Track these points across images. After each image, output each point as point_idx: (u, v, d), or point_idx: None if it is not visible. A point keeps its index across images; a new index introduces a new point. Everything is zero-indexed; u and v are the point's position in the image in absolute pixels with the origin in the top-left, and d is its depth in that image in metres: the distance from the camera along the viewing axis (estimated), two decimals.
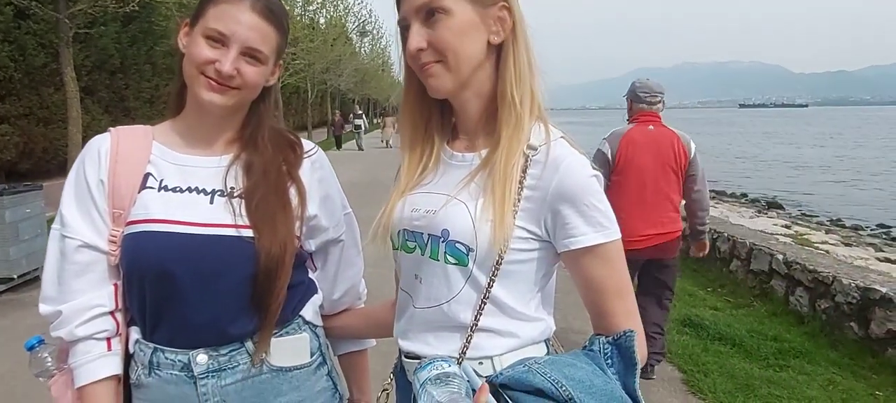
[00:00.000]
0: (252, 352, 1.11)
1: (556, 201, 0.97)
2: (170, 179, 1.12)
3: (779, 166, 27.32)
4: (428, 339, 1.03)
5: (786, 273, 4.80)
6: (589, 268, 0.99)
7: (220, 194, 1.12)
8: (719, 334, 4.29)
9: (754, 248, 5.28)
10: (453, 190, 1.02)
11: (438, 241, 1.00)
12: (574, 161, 0.98)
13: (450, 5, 0.97)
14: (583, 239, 0.96)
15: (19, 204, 5.47)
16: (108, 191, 1.09)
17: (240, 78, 1.08)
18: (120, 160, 1.11)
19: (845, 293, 4.10)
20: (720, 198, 16.60)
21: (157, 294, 1.07)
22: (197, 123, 1.15)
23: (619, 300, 1.00)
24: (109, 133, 1.15)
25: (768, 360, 3.91)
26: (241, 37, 1.06)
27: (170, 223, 1.07)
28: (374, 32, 42.90)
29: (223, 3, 1.07)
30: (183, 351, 1.08)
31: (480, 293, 0.99)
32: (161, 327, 1.09)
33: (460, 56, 0.99)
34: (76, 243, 1.08)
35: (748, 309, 4.97)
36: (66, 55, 7.91)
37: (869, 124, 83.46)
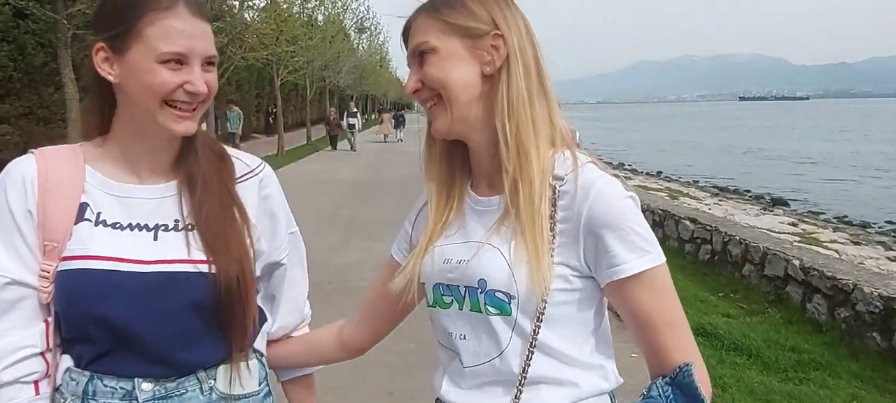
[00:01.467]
0: (202, 380, 1.05)
1: (590, 229, 0.91)
2: (108, 213, 1.03)
3: (781, 161, 27.22)
4: (476, 396, 0.99)
5: (802, 279, 4.69)
6: (635, 299, 0.92)
7: (164, 229, 1.04)
8: (734, 344, 4.19)
9: (768, 253, 5.18)
10: (484, 236, 0.98)
11: (477, 293, 0.96)
12: (605, 184, 0.92)
13: (435, 43, 0.97)
14: (625, 268, 0.90)
15: None
16: (38, 222, 0.99)
17: (208, 90, 1.01)
18: (50, 188, 1.00)
19: (867, 301, 3.99)
20: (723, 196, 16.51)
21: (98, 332, 0.99)
22: (137, 149, 1.05)
23: (672, 331, 0.93)
24: (34, 156, 1.04)
25: (787, 373, 3.80)
26: (199, 49, 0.99)
27: (112, 260, 0.98)
28: (371, 29, 42.83)
29: (161, 20, 0.96)
30: (125, 379, 1.01)
31: (527, 341, 0.94)
32: (102, 358, 1.01)
33: (450, 89, 0.96)
34: (2, 280, 0.98)
35: (762, 315, 4.86)
36: (65, 56, 7.82)
37: (870, 118, 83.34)
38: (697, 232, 6.52)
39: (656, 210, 7.57)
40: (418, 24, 1.00)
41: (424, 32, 0.98)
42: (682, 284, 5.87)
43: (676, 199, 12.68)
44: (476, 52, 0.97)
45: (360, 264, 6.19)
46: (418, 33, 0.99)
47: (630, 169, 23.45)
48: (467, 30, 0.97)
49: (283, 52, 19.93)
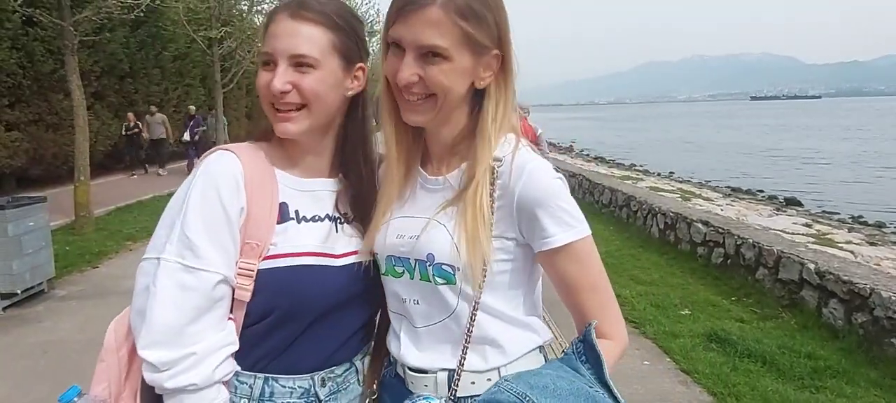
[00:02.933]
0: (358, 370, 1.15)
1: (522, 206, 1.02)
2: (304, 209, 1.10)
3: (795, 161, 26.86)
4: (431, 354, 1.08)
5: (818, 283, 4.56)
6: (562, 267, 1.04)
7: (339, 221, 1.13)
8: (748, 350, 4.07)
9: (783, 256, 5.04)
10: (431, 213, 1.07)
11: (426, 265, 1.05)
12: (537, 166, 1.03)
13: (452, 53, 0.98)
14: (553, 240, 1.01)
15: (22, 217, 5.36)
16: (245, 220, 1.02)
17: (297, 92, 1.04)
18: (256, 188, 1.05)
19: (885, 306, 3.86)
20: (736, 196, 16.29)
21: (294, 327, 1.05)
22: (301, 146, 1.13)
23: (593, 294, 1.04)
24: (235, 154, 1.06)
25: (803, 380, 3.68)
26: (283, 47, 1.04)
27: (318, 255, 1.06)
28: (381, 32, 42.87)
29: (269, 24, 1.07)
30: (302, 377, 1.07)
31: (471, 304, 1.04)
32: (285, 356, 1.06)
33: (449, 98, 1.02)
34: (214, 278, 0.98)
35: (776, 320, 4.73)
36: (72, 63, 7.82)
37: (884, 116, 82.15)
38: (710, 234, 6.38)
39: (668, 212, 7.43)
40: (436, 18, 0.96)
41: (443, 34, 0.96)
42: (693, 288, 5.76)
43: (689, 200, 12.50)
44: (476, 67, 1.02)
45: None
46: (435, 31, 0.96)
47: (642, 169, 23.22)
48: (479, 45, 1.00)
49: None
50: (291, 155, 1.13)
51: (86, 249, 7.20)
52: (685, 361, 3.99)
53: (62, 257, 6.55)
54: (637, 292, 5.49)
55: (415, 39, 0.98)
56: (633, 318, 4.79)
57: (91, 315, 5.04)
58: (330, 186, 1.15)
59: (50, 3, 9.05)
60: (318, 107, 1.06)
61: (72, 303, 5.46)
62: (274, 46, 1.04)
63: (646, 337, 4.50)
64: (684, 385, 3.73)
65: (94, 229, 8.21)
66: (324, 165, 1.16)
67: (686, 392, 3.64)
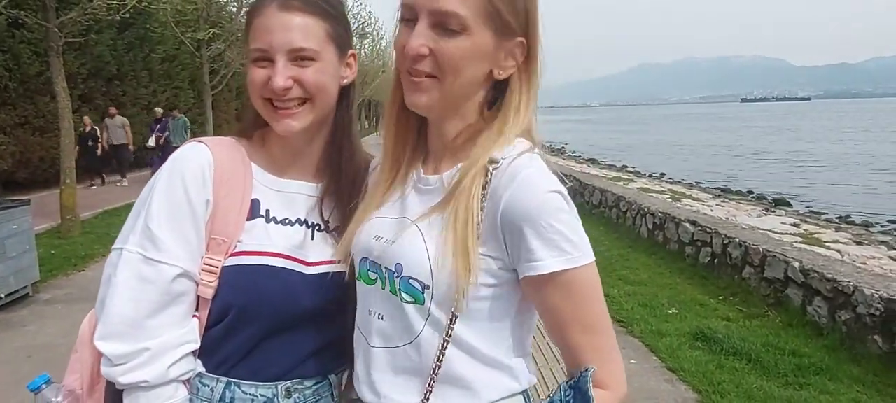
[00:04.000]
0: (334, 386, 1.08)
1: (509, 218, 0.84)
2: (275, 209, 1.05)
3: (784, 162, 27.07)
4: (388, 386, 0.92)
5: (802, 281, 4.59)
6: (549, 299, 0.86)
7: (318, 228, 1.07)
8: (733, 348, 4.09)
9: (768, 255, 5.07)
10: (413, 214, 0.92)
11: (393, 276, 0.90)
12: (532, 173, 0.85)
13: (471, 25, 0.84)
14: (539, 265, 0.83)
15: (6, 220, 5.30)
16: (211, 214, 0.99)
17: (299, 87, 0.99)
18: (225, 181, 1.00)
19: (867, 304, 3.89)
20: (726, 197, 16.38)
21: (256, 329, 1.00)
22: (287, 145, 1.08)
23: (585, 335, 0.87)
24: (206, 146, 1.02)
25: (787, 377, 3.70)
26: (280, 42, 0.98)
27: (285, 258, 1.01)
28: (373, 34, 42.81)
29: (256, 19, 1.00)
30: (266, 385, 1.01)
31: (442, 333, 0.87)
32: (246, 361, 1.01)
33: (460, 80, 0.87)
34: (174, 271, 0.95)
35: (762, 319, 4.76)
36: (57, 65, 7.76)
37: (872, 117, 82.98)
38: (697, 234, 6.41)
39: (656, 213, 7.46)
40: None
41: (461, 3, 0.83)
42: (681, 287, 5.79)
43: (679, 201, 12.55)
44: (498, 52, 0.87)
45: None
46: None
47: (633, 171, 23.33)
48: (503, 25, 0.86)
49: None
50: (274, 153, 1.08)
51: (72, 253, 7.13)
52: (671, 359, 4.00)
53: (47, 261, 6.49)
54: (625, 292, 5.51)
55: (430, 3, 0.84)
56: (621, 318, 4.80)
57: (76, 319, 4.90)
58: (309, 190, 1.09)
59: (35, 5, 8.98)
60: (321, 99, 1.02)
61: (57, 307, 5.41)
62: (269, 42, 0.97)
63: (633, 336, 4.51)
64: (670, 383, 3.74)
65: (81, 232, 8.14)
66: (309, 166, 1.10)
67: (672, 390, 3.65)
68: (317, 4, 1.00)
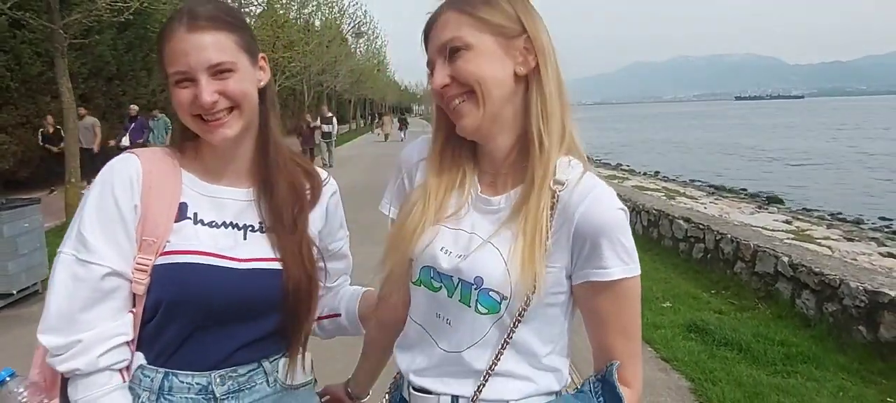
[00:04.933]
0: (268, 372, 1.14)
1: (584, 232, 0.95)
2: (204, 213, 1.12)
3: (777, 160, 27.31)
4: (446, 380, 1.03)
5: (791, 275, 4.77)
6: (601, 303, 0.98)
7: (251, 229, 1.14)
8: (725, 339, 4.26)
9: (759, 250, 5.25)
10: (484, 232, 1.01)
11: (471, 288, 0.99)
12: (602, 192, 0.97)
13: (470, 40, 0.96)
14: (610, 272, 0.95)
15: (17, 218, 5.43)
16: (140, 218, 1.07)
17: (225, 98, 1.06)
18: (153, 187, 1.09)
19: (853, 296, 4.07)
20: (720, 194, 16.58)
21: (187, 322, 1.07)
22: (216, 156, 1.15)
23: (623, 339, 1.00)
24: (137, 156, 1.12)
25: (776, 366, 3.87)
26: (198, 61, 1.04)
27: (211, 256, 1.08)
28: (369, 33, 42.92)
29: (167, 43, 1.06)
30: (201, 374, 1.09)
31: (503, 335, 0.99)
32: (181, 352, 1.09)
33: (486, 84, 0.96)
34: (103, 270, 1.03)
35: (753, 311, 4.93)
36: (62, 65, 7.87)
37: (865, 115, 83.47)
38: (691, 231, 6.59)
39: (651, 210, 7.63)
40: (446, 20, 0.98)
41: (455, 28, 0.97)
42: (675, 282, 5.95)
43: (673, 199, 12.73)
44: (509, 51, 0.98)
45: (360, 266, 6.20)
46: (447, 29, 0.97)
47: (628, 169, 23.52)
48: (500, 28, 0.97)
49: (281, 58, 19.98)
50: (206, 162, 1.16)
51: None
52: (665, 350, 4.17)
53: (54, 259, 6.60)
54: None
55: (436, 45, 0.99)
56: None
57: None
58: (240, 195, 1.16)
59: (38, 6, 9.08)
60: (246, 105, 1.10)
61: None
62: (187, 63, 1.03)
63: None
64: (664, 372, 3.91)
65: None
66: (241, 171, 1.17)
67: (666, 378, 3.81)
68: (221, 19, 1.07)
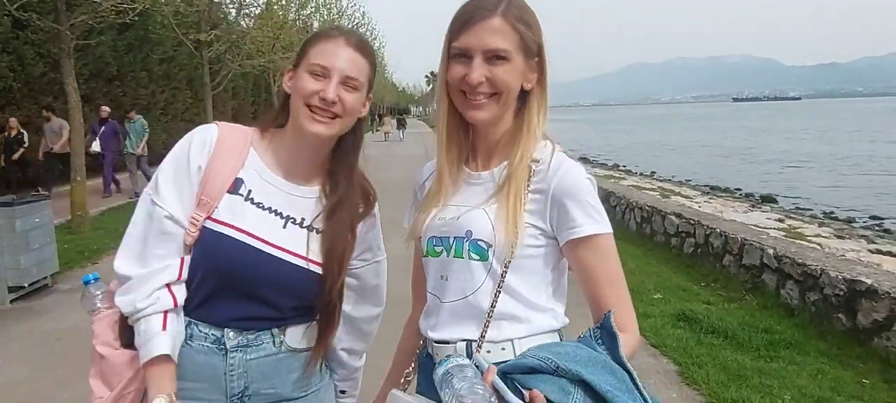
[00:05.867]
0: (275, 335, 1.27)
1: (556, 197, 1.15)
2: (256, 193, 1.26)
3: (773, 161, 27.52)
4: (453, 327, 1.20)
5: (776, 267, 4.96)
6: (584, 258, 1.15)
7: (292, 221, 1.27)
8: (712, 327, 4.44)
9: (746, 243, 5.44)
10: (474, 202, 1.22)
11: (463, 241, 1.18)
12: (572, 165, 1.18)
13: (512, 55, 1.16)
14: (580, 230, 1.13)
15: (29, 213, 5.58)
16: (203, 178, 1.23)
17: (341, 105, 1.22)
18: (220, 155, 1.24)
19: (833, 285, 4.26)
20: (714, 194, 16.79)
21: (214, 284, 1.22)
22: (293, 148, 1.29)
23: (610, 287, 1.16)
24: (218, 127, 1.29)
25: (759, 351, 4.06)
26: (340, 67, 1.23)
27: (246, 234, 1.21)
28: (367, 35, 43.02)
29: (322, 43, 1.25)
30: (217, 328, 1.24)
31: (496, 282, 1.16)
32: (204, 307, 1.23)
33: (509, 96, 1.18)
34: (163, 212, 1.20)
35: (740, 302, 5.12)
36: (68, 66, 8.00)
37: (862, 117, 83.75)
38: (682, 225, 6.78)
39: (644, 206, 7.82)
40: (499, 27, 1.14)
41: (505, 39, 1.14)
42: (666, 275, 6.13)
43: (668, 197, 12.94)
44: (526, 70, 1.18)
45: None
46: (499, 36, 1.14)
47: (624, 169, 23.72)
48: (529, 50, 1.17)
49: (280, 59, 20.12)
50: (279, 151, 1.30)
51: (84, 247, 7.41)
52: (655, 337, 4.35)
53: (62, 254, 6.73)
54: None
55: (482, 45, 1.14)
56: None
57: None
58: (294, 190, 1.29)
59: (43, 7, 9.22)
60: (348, 120, 1.26)
61: (77, 296, 5.63)
62: (333, 64, 1.22)
63: None
64: (653, 357, 4.09)
65: (91, 228, 8.40)
66: (307, 173, 1.31)
67: (654, 363, 4.00)
68: (370, 54, 1.29)
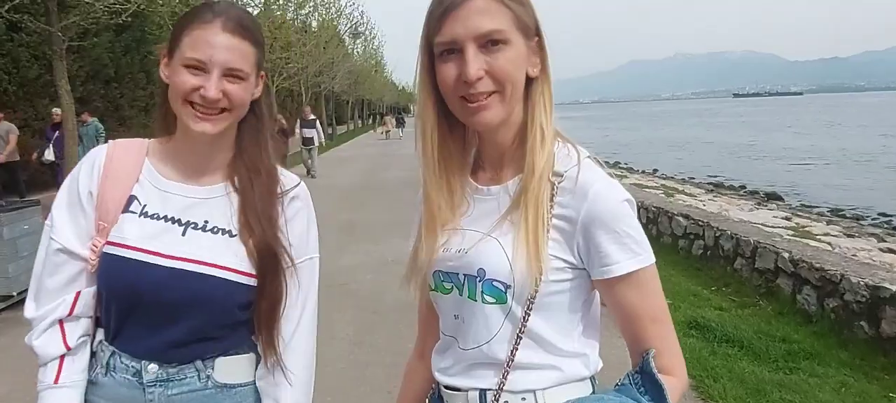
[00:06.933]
0: (200, 369, 1.16)
1: (587, 228, 0.95)
2: (151, 205, 1.16)
3: (777, 157, 27.33)
4: (470, 375, 1.04)
5: (792, 271, 4.77)
6: (623, 296, 0.97)
7: (193, 227, 1.15)
8: (726, 336, 4.26)
9: (759, 246, 5.25)
10: (484, 226, 1.01)
11: (475, 281, 0.99)
12: (603, 186, 0.96)
13: (510, 36, 0.94)
14: (617, 267, 0.94)
15: (17, 220, 5.41)
16: (96, 203, 1.15)
17: (226, 99, 1.10)
18: (110, 176, 1.16)
19: (854, 291, 4.07)
20: (718, 192, 16.60)
21: (120, 312, 1.14)
22: (188, 149, 1.18)
23: (653, 325, 0.97)
24: (108, 146, 1.20)
25: (778, 363, 3.87)
26: (220, 59, 1.08)
27: (140, 251, 1.11)
28: (366, 34, 42.91)
29: (196, 30, 1.09)
30: (135, 359, 1.15)
31: (517, 327, 0.98)
32: (120, 336, 1.15)
33: (516, 86, 0.97)
34: (56, 245, 1.14)
35: (754, 308, 4.94)
36: (61, 68, 7.86)
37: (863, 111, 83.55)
38: (690, 227, 6.59)
39: (650, 207, 7.64)
40: (485, 6, 0.93)
41: (497, 19, 0.93)
42: (675, 279, 5.94)
43: (672, 196, 12.75)
44: (528, 53, 0.98)
45: (360, 266, 6.25)
46: (489, 17, 0.92)
47: (626, 167, 23.53)
48: (527, 29, 0.96)
49: (278, 59, 19.98)
50: (176, 156, 1.19)
51: None
52: None
53: None
54: None
55: (472, 30, 0.92)
56: None
57: None
58: (197, 193, 1.18)
59: (36, 9, 9.07)
60: (238, 113, 1.14)
61: None
62: (209, 56, 1.07)
63: None
64: None
65: None
66: (209, 171, 1.19)
67: None
68: (251, 32, 1.12)
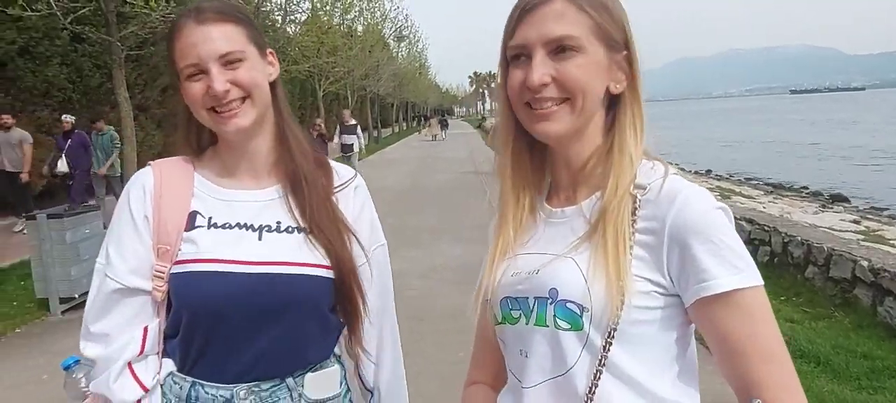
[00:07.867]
0: (292, 388, 1.11)
1: (675, 238, 0.82)
2: (217, 216, 1.11)
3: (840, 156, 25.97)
4: None
5: (872, 281, 4.43)
6: (722, 323, 0.81)
7: (267, 230, 1.11)
8: (801, 350, 3.98)
9: (834, 253, 4.91)
10: (557, 248, 0.90)
11: (546, 303, 0.86)
12: (692, 192, 0.84)
13: (585, 43, 0.86)
14: (715, 283, 0.79)
15: (79, 224, 5.61)
16: (154, 227, 1.09)
17: (237, 88, 1.06)
18: (164, 195, 1.11)
19: None
20: (778, 193, 15.86)
21: (205, 331, 1.07)
22: (233, 154, 1.14)
23: (764, 364, 0.80)
24: (151, 168, 1.15)
25: (860, 381, 3.59)
26: (208, 52, 1.04)
27: (220, 262, 1.06)
28: (410, 37, 43.24)
29: (178, 40, 1.06)
30: (224, 386, 1.08)
31: (597, 358, 0.83)
32: (203, 362, 1.08)
33: (588, 98, 0.88)
34: (115, 284, 1.07)
35: (829, 320, 4.61)
36: (119, 76, 8.12)
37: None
38: (755, 232, 6.25)
39: None
40: (561, 11, 0.86)
41: (572, 24, 0.86)
42: None
43: (729, 198, 12.24)
44: (610, 66, 0.89)
45: (406, 272, 6.20)
46: (562, 21, 0.86)
47: (678, 167, 22.81)
48: (611, 39, 0.89)
49: (325, 64, 20.29)
50: (225, 162, 1.15)
51: None
52: None
53: None
54: None
55: (543, 35, 0.86)
56: None
57: None
58: (256, 196, 1.14)
59: (97, 21, 9.43)
60: (257, 94, 1.08)
61: None
62: (197, 54, 1.03)
63: None
64: None
65: None
66: (260, 170, 1.15)
67: None
68: (227, 13, 1.07)
